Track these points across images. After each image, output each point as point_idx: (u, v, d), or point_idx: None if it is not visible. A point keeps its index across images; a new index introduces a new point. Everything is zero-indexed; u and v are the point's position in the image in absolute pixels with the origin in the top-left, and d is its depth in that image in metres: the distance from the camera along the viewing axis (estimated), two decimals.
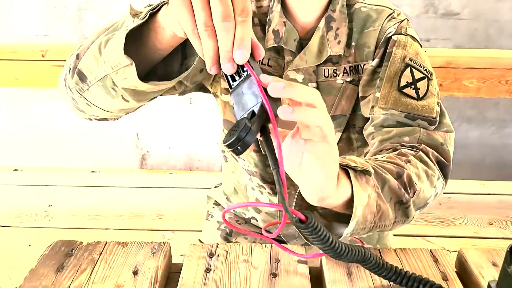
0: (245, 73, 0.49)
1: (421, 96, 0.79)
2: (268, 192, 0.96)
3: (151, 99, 0.69)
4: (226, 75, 0.51)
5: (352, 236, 0.62)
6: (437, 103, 0.80)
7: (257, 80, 0.47)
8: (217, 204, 1.12)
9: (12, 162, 2.09)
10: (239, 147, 0.45)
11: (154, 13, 0.58)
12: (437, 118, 0.79)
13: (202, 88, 0.96)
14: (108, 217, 1.66)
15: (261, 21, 0.88)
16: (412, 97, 0.79)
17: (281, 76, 0.87)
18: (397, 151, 0.74)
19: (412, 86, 0.80)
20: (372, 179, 0.62)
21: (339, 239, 0.62)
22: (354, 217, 0.59)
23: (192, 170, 2.21)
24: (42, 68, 1.48)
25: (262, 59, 0.88)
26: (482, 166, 2.14)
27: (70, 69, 0.66)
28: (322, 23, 0.85)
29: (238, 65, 0.49)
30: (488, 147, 2.11)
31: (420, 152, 0.74)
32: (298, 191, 0.60)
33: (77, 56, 0.65)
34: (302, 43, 0.87)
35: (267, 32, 0.86)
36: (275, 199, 0.96)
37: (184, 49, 0.65)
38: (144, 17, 0.57)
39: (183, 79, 0.84)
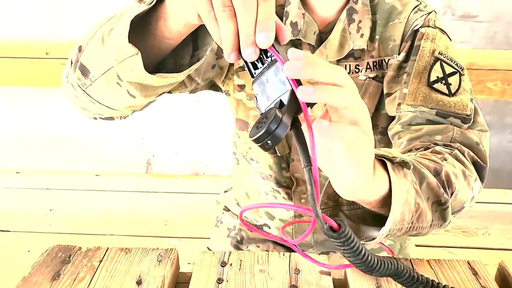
0: (269, 59, 0.43)
1: (453, 92, 0.73)
2: (283, 197, 0.90)
3: (160, 95, 0.63)
4: (246, 63, 0.45)
5: (388, 237, 0.55)
6: (471, 99, 0.74)
7: (283, 63, 0.41)
8: (226, 209, 1.06)
9: (15, 164, 2.04)
10: (269, 141, 0.39)
11: None
12: (472, 116, 0.73)
13: (213, 86, 0.90)
14: (111, 223, 1.60)
15: (277, 13, 0.82)
16: (443, 93, 0.73)
17: None
18: (430, 149, 0.68)
19: (443, 82, 0.74)
20: (409, 173, 0.55)
21: (372, 241, 0.55)
22: (392, 215, 0.52)
23: (198, 175, 2.15)
24: (46, 66, 1.42)
25: None
26: (501, 174, 2.06)
27: (72, 63, 0.61)
28: (343, 15, 0.79)
29: (261, 50, 0.43)
30: (507, 154, 2.04)
31: (456, 150, 0.68)
32: (324, 187, 0.54)
33: (79, 49, 0.60)
34: (322, 37, 0.81)
35: (284, 24, 0.80)
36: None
37: (196, 40, 0.59)
38: (152, 2, 0.52)
39: (194, 75, 0.78)
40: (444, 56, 0.76)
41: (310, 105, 0.42)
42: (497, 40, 1.86)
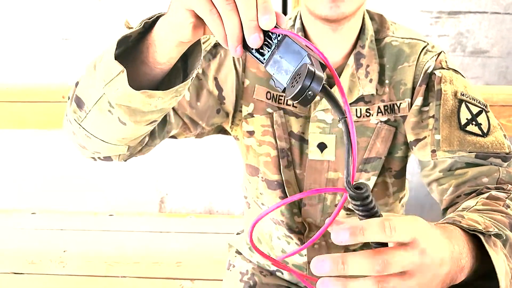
0: (275, 40, 0.46)
1: (485, 131, 0.72)
2: (295, 242, 0.88)
3: (151, 123, 0.63)
4: (252, 53, 0.48)
5: None
6: (504, 136, 0.73)
7: (295, 34, 0.44)
8: (239, 253, 1.04)
9: (30, 205, 2.05)
10: (310, 92, 0.41)
11: (149, 25, 0.56)
12: (511, 153, 0.71)
13: (222, 131, 0.91)
14: (124, 264, 1.59)
15: None
16: (477, 134, 0.72)
17: (307, 118, 0.81)
18: (486, 195, 0.66)
19: (474, 123, 0.73)
20: (498, 240, 0.53)
21: None
22: None
23: (211, 213, 2.14)
24: (62, 110, 1.45)
25: (287, 100, 0.82)
26: None
27: (69, 98, 0.64)
28: (351, 60, 0.80)
29: (264, 36, 0.46)
30: None
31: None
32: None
33: (76, 84, 0.63)
34: (330, 82, 0.82)
35: None
36: (303, 250, 0.88)
37: (186, 69, 0.62)
38: (139, 26, 0.56)
39: (197, 119, 0.79)
40: (466, 96, 0.75)
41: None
42: (508, 75, 1.85)
